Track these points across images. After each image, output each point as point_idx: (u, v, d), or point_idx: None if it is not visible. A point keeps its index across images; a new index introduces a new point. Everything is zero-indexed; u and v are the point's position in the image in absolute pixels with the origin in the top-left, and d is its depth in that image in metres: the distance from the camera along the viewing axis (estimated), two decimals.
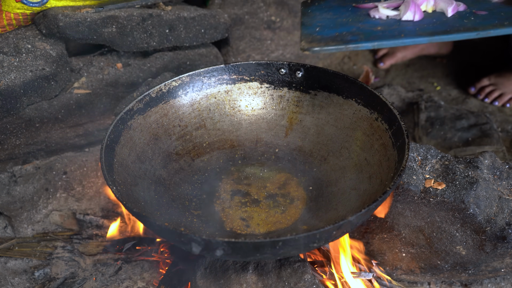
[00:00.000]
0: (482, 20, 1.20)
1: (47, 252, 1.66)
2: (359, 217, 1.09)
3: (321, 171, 1.45)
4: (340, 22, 1.34)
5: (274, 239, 1.03)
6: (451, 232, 1.35)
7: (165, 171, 1.43)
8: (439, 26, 1.21)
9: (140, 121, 1.42)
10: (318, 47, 1.21)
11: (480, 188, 1.30)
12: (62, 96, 1.80)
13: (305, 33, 1.30)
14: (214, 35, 2.00)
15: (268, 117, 1.57)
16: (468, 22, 1.20)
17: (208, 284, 1.28)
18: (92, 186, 1.82)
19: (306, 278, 1.24)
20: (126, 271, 1.56)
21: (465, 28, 1.17)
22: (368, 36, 1.19)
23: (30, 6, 1.77)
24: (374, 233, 1.47)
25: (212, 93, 1.55)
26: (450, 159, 1.38)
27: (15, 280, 1.58)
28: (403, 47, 2.55)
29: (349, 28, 1.28)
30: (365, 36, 1.19)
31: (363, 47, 1.18)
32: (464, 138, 1.96)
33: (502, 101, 2.25)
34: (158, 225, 1.09)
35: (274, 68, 1.54)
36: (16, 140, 1.77)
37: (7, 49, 1.71)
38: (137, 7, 1.89)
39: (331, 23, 1.35)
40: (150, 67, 1.94)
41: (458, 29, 1.17)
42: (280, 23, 2.29)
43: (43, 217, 1.75)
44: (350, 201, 1.30)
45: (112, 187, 1.17)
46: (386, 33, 1.20)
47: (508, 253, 1.36)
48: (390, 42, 1.18)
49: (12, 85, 1.63)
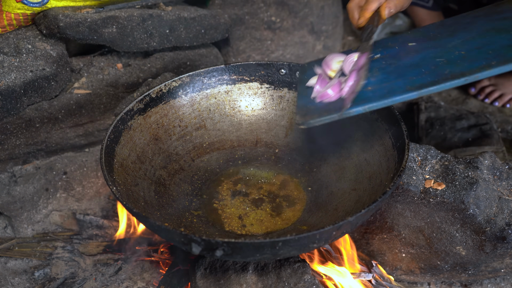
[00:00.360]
0: (468, 63, 1.17)
1: (47, 252, 1.66)
2: (358, 217, 1.09)
3: (320, 171, 1.45)
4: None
5: (274, 240, 1.03)
6: (451, 233, 1.35)
7: (165, 171, 1.43)
8: (427, 77, 1.19)
9: (140, 122, 1.43)
10: (312, 119, 1.18)
11: (480, 189, 1.30)
12: (62, 96, 1.80)
13: (300, 104, 1.28)
14: (214, 35, 2.00)
15: (268, 117, 1.57)
16: (453, 66, 1.18)
17: (208, 284, 1.28)
18: (92, 186, 1.82)
19: (306, 278, 1.24)
20: (126, 271, 1.56)
21: (452, 75, 1.14)
22: (359, 100, 1.17)
23: (31, 6, 1.77)
24: (374, 233, 1.47)
25: (212, 94, 1.55)
26: (450, 159, 1.38)
27: (15, 280, 1.58)
28: None
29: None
30: (356, 100, 1.17)
31: (356, 112, 1.15)
32: (464, 138, 1.96)
33: (502, 101, 2.25)
34: (158, 225, 1.09)
35: (274, 69, 1.54)
36: (16, 140, 1.77)
37: (8, 49, 1.72)
38: (137, 7, 1.89)
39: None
40: (150, 68, 1.94)
41: (446, 77, 1.14)
42: (280, 23, 2.29)
43: (43, 217, 1.75)
44: (350, 202, 1.30)
45: (112, 187, 1.17)
46: (376, 93, 1.18)
47: (508, 254, 1.36)
48: (379, 103, 1.14)
49: (13, 85, 1.64)
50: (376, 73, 1.26)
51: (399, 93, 1.15)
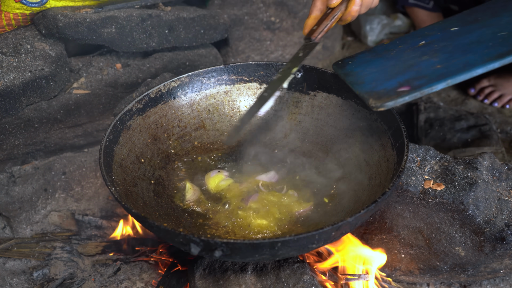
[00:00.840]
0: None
1: (45, 253, 1.65)
2: (358, 218, 1.09)
3: (320, 172, 1.45)
4: (391, 72, 1.27)
5: (273, 240, 1.03)
6: (450, 233, 1.35)
7: (164, 171, 1.43)
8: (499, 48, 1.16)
9: (139, 122, 1.42)
10: (391, 100, 1.15)
11: (479, 189, 1.30)
12: (61, 97, 1.80)
13: (364, 91, 1.23)
14: (213, 35, 2.00)
15: (267, 117, 1.56)
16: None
17: (207, 285, 1.28)
18: (91, 187, 1.81)
19: (305, 279, 1.24)
20: (125, 272, 1.56)
21: None
22: (435, 76, 1.14)
23: (30, 6, 1.77)
24: (373, 234, 1.47)
25: (211, 94, 1.55)
26: (449, 160, 1.38)
27: (14, 280, 1.58)
28: None
29: (407, 75, 1.22)
30: (431, 78, 1.15)
31: (437, 88, 1.12)
32: (463, 139, 1.96)
33: (502, 102, 2.25)
34: (157, 225, 1.09)
35: (273, 69, 1.54)
36: (15, 140, 1.77)
37: (6, 49, 1.71)
38: (136, 7, 1.89)
39: (382, 75, 1.27)
40: (149, 68, 1.94)
41: None
42: (280, 23, 2.29)
43: (42, 218, 1.75)
44: (349, 202, 1.30)
45: (110, 187, 1.17)
46: (450, 69, 1.15)
47: (507, 254, 1.36)
48: (462, 76, 1.12)
49: (11, 85, 1.63)
50: (435, 54, 1.24)
51: (479, 64, 1.13)
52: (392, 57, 1.35)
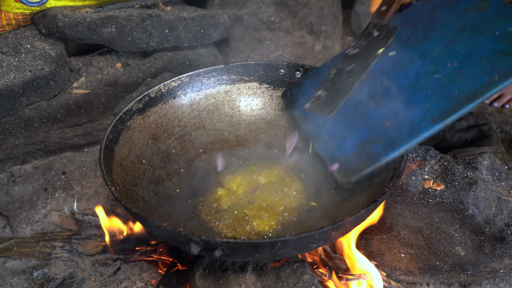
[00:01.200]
0: (471, 79, 1.16)
1: (45, 252, 1.65)
2: (358, 217, 1.09)
3: (320, 171, 1.45)
4: (344, 125, 1.29)
5: (273, 240, 1.03)
6: (450, 233, 1.35)
7: (164, 171, 1.43)
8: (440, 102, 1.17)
9: (139, 121, 1.42)
10: (354, 176, 1.20)
11: (479, 189, 1.30)
12: (61, 96, 1.80)
13: (326, 155, 1.29)
14: (213, 35, 2.00)
15: (268, 117, 1.57)
16: (459, 85, 1.17)
17: (207, 284, 1.28)
18: (91, 186, 1.81)
19: (305, 278, 1.24)
20: (125, 271, 1.56)
21: (465, 97, 1.14)
22: (388, 141, 1.17)
23: (30, 6, 1.77)
24: (373, 233, 1.47)
25: (211, 94, 1.55)
26: (449, 160, 1.38)
27: (14, 280, 1.58)
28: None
29: (361, 133, 1.25)
30: (385, 143, 1.18)
31: (393, 157, 1.16)
32: (463, 139, 1.96)
33: (502, 102, 2.25)
34: (157, 225, 1.09)
35: (273, 69, 1.54)
36: (15, 140, 1.77)
37: (6, 49, 1.71)
38: (136, 7, 1.89)
39: (338, 128, 1.30)
40: (149, 67, 1.94)
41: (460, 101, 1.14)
42: (280, 23, 2.29)
43: (42, 217, 1.75)
44: (349, 202, 1.30)
45: (111, 187, 1.17)
46: (400, 131, 1.17)
47: (507, 254, 1.36)
48: (411, 143, 1.15)
49: (11, 85, 1.63)
50: (381, 101, 1.25)
51: (424, 127, 1.15)
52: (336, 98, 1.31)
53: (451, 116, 1.13)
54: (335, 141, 1.29)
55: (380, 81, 1.29)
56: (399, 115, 1.21)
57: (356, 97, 1.29)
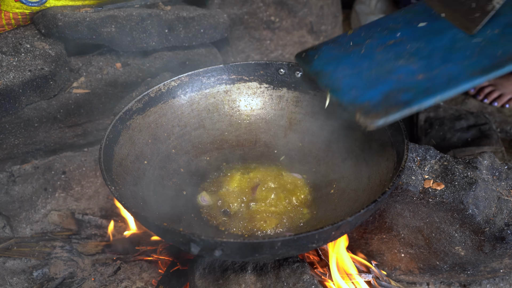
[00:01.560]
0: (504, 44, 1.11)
1: (45, 252, 1.65)
2: (357, 217, 1.09)
3: (320, 171, 1.45)
4: (369, 78, 1.19)
5: (272, 240, 1.03)
6: (450, 233, 1.35)
7: (164, 171, 1.43)
8: (482, 59, 1.10)
9: (139, 121, 1.42)
10: (380, 118, 1.07)
11: (479, 189, 1.30)
12: (61, 96, 1.80)
13: (346, 101, 1.16)
14: (213, 35, 2.00)
15: (267, 117, 1.56)
16: (497, 47, 1.11)
17: (207, 284, 1.28)
18: (91, 186, 1.81)
19: (305, 278, 1.24)
20: (125, 271, 1.56)
21: (510, 57, 1.07)
22: (421, 90, 1.08)
23: (29, 5, 1.77)
24: (373, 233, 1.47)
25: (211, 93, 1.55)
26: (449, 159, 1.38)
27: (14, 280, 1.58)
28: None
29: (389, 84, 1.15)
30: (418, 92, 1.08)
31: (426, 105, 1.07)
32: (463, 138, 1.96)
33: (502, 101, 2.25)
34: (157, 225, 1.09)
35: (273, 68, 1.54)
36: (15, 139, 1.77)
37: (6, 49, 1.71)
38: (136, 6, 1.88)
39: (360, 81, 1.19)
40: (149, 67, 1.94)
41: (504, 59, 1.07)
42: (280, 23, 2.29)
43: (41, 217, 1.75)
44: (349, 202, 1.30)
45: (110, 187, 1.17)
46: (434, 82, 1.09)
47: (507, 254, 1.36)
48: (449, 93, 1.06)
49: (11, 84, 1.63)
50: (411, 59, 1.18)
51: (464, 79, 1.08)
52: (364, 56, 1.26)
53: (495, 71, 1.07)
54: (357, 90, 1.18)
55: (409, 44, 1.23)
56: (433, 70, 1.13)
57: (381, 57, 1.22)
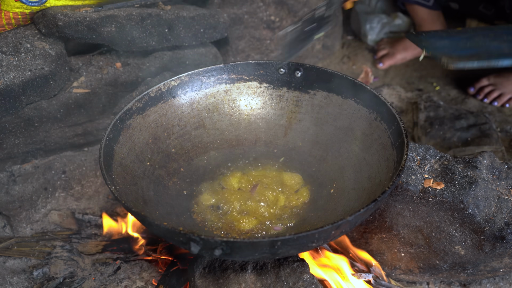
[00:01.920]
0: None
1: (46, 252, 1.65)
2: (357, 217, 1.09)
3: (320, 170, 1.45)
4: (463, 46, 1.40)
5: (272, 239, 1.03)
6: (450, 232, 1.35)
7: (164, 170, 1.43)
8: None
9: (139, 121, 1.42)
10: (461, 62, 1.27)
11: (479, 188, 1.30)
12: (61, 96, 1.80)
13: (436, 52, 1.35)
14: (213, 34, 2.00)
15: (267, 116, 1.57)
16: None
17: (207, 283, 1.28)
18: (91, 186, 1.81)
19: (305, 277, 1.24)
20: (125, 271, 1.56)
21: None
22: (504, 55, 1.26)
23: (29, 5, 1.77)
24: (373, 233, 1.47)
25: (211, 93, 1.55)
26: (449, 159, 1.38)
27: (14, 279, 1.58)
28: (403, 48, 2.55)
29: (477, 50, 1.35)
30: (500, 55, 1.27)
31: (504, 63, 1.23)
32: (463, 138, 1.96)
33: (501, 101, 2.25)
34: (157, 224, 1.09)
35: (273, 68, 1.54)
36: (15, 139, 1.77)
37: (6, 49, 1.71)
38: (136, 6, 1.89)
39: (455, 47, 1.41)
40: (149, 67, 1.94)
41: None
42: (280, 22, 2.29)
43: (42, 217, 1.75)
44: (349, 201, 1.30)
45: (110, 186, 1.17)
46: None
47: (506, 253, 1.36)
48: None
49: (11, 84, 1.63)
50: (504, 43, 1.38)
51: None
52: (464, 37, 1.48)
53: None
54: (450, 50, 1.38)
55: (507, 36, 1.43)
56: None
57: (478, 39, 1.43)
